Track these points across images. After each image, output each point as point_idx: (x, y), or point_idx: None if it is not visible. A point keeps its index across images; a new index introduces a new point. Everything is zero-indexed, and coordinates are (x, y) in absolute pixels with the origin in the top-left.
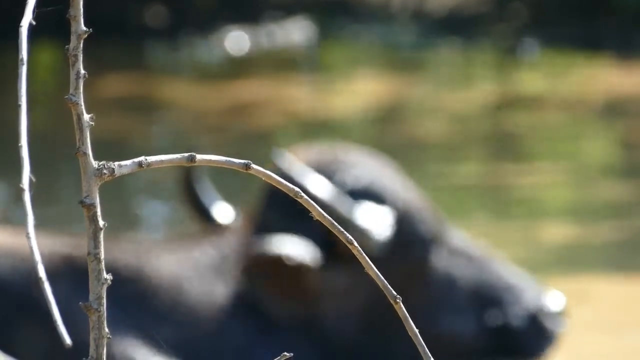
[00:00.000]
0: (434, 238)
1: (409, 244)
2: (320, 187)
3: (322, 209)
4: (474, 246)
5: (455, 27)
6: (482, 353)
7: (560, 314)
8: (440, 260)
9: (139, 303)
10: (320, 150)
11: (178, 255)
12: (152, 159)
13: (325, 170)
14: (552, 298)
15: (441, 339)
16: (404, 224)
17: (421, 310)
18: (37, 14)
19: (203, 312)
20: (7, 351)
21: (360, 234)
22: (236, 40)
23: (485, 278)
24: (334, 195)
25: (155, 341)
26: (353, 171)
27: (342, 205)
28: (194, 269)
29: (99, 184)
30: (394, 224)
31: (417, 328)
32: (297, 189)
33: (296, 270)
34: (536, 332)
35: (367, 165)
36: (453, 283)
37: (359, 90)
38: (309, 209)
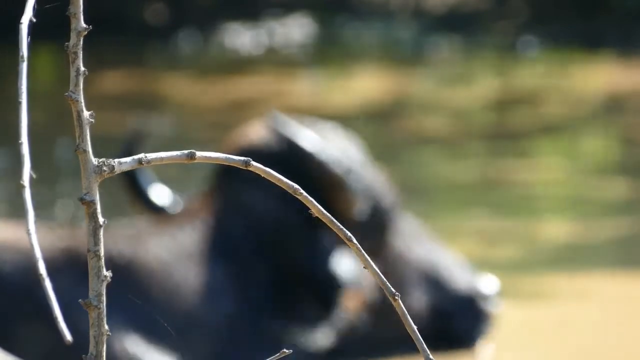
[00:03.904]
0: (394, 212)
1: (375, 214)
2: (316, 146)
3: (318, 167)
4: (419, 228)
5: (455, 24)
6: (426, 329)
7: (494, 297)
8: (394, 237)
9: (133, 292)
10: (288, 122)
11: (165, 242)
12: (151, 156)
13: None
14: (486, 282)
15: (392, 315)
16: (372, 195)
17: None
18: (37, 12)
19: (194, 297)
20: (7, 347)
21: (352, 195)
22: (236, 38)
23: (430, 259)
24: (330, 155)
25: (153, 331)
26: (323, 142)
27: (338, 166)
28: (181, 254)
29: (99, 181)
30: (365, 193)
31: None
32: (296, 185)
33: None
34: (472, 315)
35: (334, 137)
36: (404, 260)
37: (359, 87)
38: (308, 206)
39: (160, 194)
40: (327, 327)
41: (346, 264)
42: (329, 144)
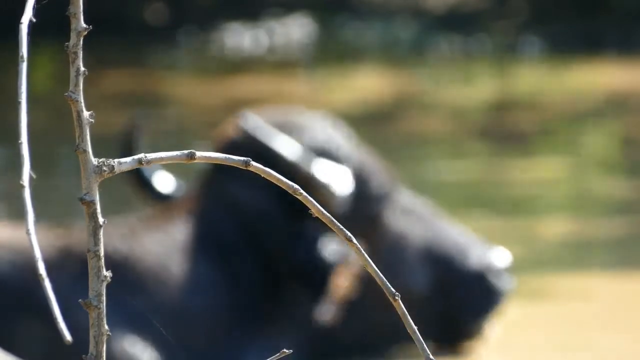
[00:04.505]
0: (387, 195)
1: (364, 200)
2: (284, 145)
3: (287, 167)
4: (422, 205)
5: (455, 24)
6: (431, 311)
7: (506, 271)
8: (391, 218)
9: (130, 288)
10: (273, 112)
11: (159, 237)
12: (151, 156)
13: (281, 131)
14: (498, 255)
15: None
16: (359, 180)
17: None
18: (37, 11)
19: (184, 292)
20: (7, 345)
21: (324, 191)
22: (236, 37)
23: (434, 236)
24: (298, 153)
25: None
26: (308, 131)
27: (306, 163)
28: (175, 250)
29: (99, 181)
30: (351, 180)
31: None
32: (296, 185)
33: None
34: (483, 289)
35: (320, 126)
36: (404, 240)
37: (359, 87)
38: (308, 205)
39: (164, 181)
40: (319, 309)
41: (331, 247)
42: (300, 140)
